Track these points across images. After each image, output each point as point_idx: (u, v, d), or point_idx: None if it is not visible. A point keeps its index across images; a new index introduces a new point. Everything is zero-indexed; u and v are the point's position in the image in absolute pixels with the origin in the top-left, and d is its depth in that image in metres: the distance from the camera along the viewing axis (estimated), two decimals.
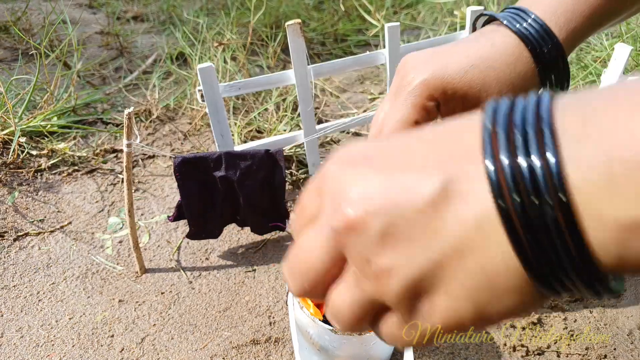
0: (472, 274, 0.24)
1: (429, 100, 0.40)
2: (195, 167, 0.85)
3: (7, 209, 1.08)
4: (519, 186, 0.22)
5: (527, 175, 0.22)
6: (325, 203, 0.28)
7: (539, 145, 0.22)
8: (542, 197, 0.22)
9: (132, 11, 2.28)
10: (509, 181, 0.22)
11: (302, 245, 0.29)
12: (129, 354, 0.78)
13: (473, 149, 0.24)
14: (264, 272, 0.93)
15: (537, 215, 0.22)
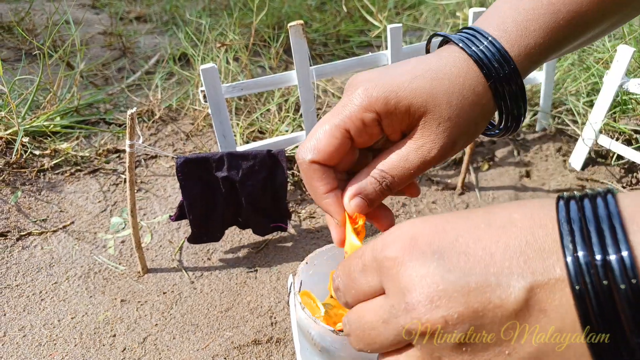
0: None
1: (367, 112, 0.38)
2: (197, 168, 0.85)
3: (10, 208, 1.08)
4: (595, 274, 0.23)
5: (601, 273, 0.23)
6: (393, 293, 0.28)
7: (613, 239, 0.23)
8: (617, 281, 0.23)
9: (135, 11, 2.28)
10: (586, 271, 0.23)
11: (365, 319, 0.30)
12: (131, 353, 0.78)
13: (554, 249, 0.25)
14: (265, 273, 0.93)
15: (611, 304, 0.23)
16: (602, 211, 0.24)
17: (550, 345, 0.25)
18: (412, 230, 0.29)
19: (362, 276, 0.31)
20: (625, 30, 1.43)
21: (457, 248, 0.27)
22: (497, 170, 1.21)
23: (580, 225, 0.24)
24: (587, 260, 0.23)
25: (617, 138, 1.20)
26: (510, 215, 0.27)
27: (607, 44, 1.45)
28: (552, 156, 1.26)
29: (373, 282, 0.30)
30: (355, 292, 0.32)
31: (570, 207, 0.26)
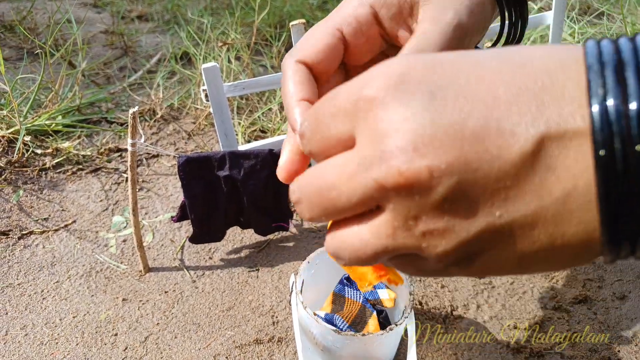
0: (536, 245, 0.21)
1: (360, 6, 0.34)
2: (199, 167, 0.85)
3: (12, 207, 1.08)
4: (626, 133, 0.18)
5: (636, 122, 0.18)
6: (366, 141, 0.22)
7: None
8: None
9: (137, 10, 2.28)
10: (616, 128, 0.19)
11: (325, 177, 0.24)
12: (133, 352, 0.78)
13: (578, 96, 0.20)
14: (267, 272, 0.93)
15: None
16: None
17: (550, 210, 0.20)
18: (401, 66, 0.23)
19: (332, 120, 0.24)
20: (628, 30, 1.43)
21: (454, 88, 0.21)
22: None
23: (614, 67, 0.19)
24: (619, 110, 0.18)
25: None
26: (528, 54, 0.22)
27: None
28: None
29: (343, 129, 0.24)
30: (320, 138, 0.25)
31: (603, 48, 0.20)
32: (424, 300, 0.86)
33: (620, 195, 0.19)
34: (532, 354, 0.77)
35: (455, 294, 0.88)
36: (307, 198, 0.25)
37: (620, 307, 0.84)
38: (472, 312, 0.84)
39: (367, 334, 0.54)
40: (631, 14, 1.69)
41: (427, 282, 0.90)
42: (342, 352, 0.58)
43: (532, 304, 0.85)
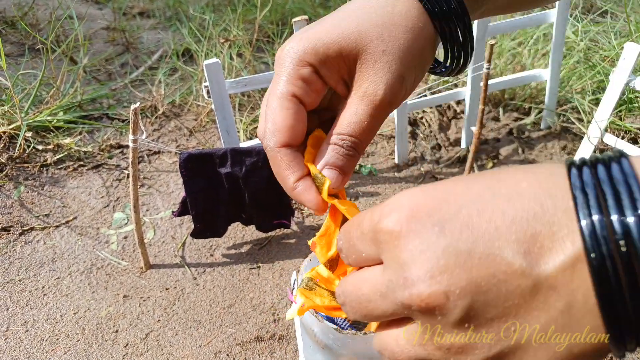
0: (556, 355, 0.24)
1: (301, 67, 0.35)
2: (200, 163, 0.85)
3: (13, 203, 1.08)
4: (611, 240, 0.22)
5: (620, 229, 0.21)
6: (390, 267, 0.26)
7: (630, 201, 0.22)
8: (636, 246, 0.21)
9: (138, 7, 2.28)
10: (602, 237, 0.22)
11: (362, 291, 0.29)
12: (133, 349, 0.78)
13: (565, 222, 0.23)
14: (268, 269, 0.93)
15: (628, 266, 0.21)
16: (617, 174, 0.23)
17: (559, 322, 0.23)
18: (411, 200, 0.27)
19: (360, 244, 0.29)
20: (632, 28, 1.42)
21: (459, 220, 0.25)
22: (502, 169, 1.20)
23: (594, 189, 0.23)
24: (602, 224, 0.22)
25: (623, 137, 1.19)
26: (518, 184, 0.25)
27: (614, 42, 1.44)
28: (557, 154, 1.25)
29: (371, 252, 0.29)
30: (355, 257, 0.30)
31: (584, 172, 0.24)
32: None
33: (617, 301, 0.22)
34: None
35: None
36: (349, 304, 0.30)
37: None
38: None
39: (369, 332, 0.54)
40: (634, 12, 1.68)
41: None
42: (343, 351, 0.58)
43: None
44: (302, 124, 0.37)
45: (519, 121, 1.37)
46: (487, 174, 0.28)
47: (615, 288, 0.22)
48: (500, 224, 0.24)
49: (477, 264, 0.24)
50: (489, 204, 0.25)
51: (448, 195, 0.26)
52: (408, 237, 0.26)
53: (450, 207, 0.26)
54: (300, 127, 0.36)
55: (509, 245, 0.24)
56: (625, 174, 0.23)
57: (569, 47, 1.48)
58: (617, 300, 0.22)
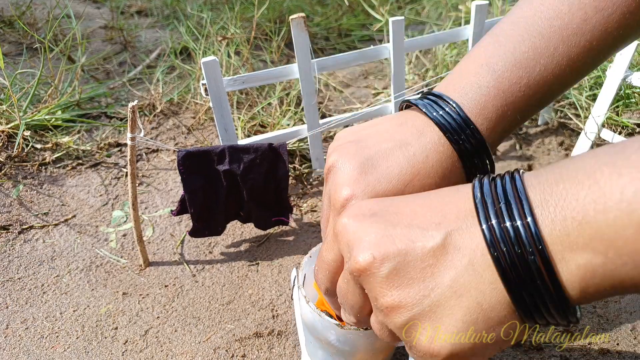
0: (469, 310, 0.29)
1: None
2: (198, 161, 0.85)
3: (12, 202, 1.08)
4: (506, 241, 0.28)
5: (512, 233, 0.28)
6: (343, 251, 0.35)
7: (519, 210, 0.28)
8: (525, 248, 0.27)
9: (136, 5, 2.28)
10: (499, 237, 0.28)
11: (340, 287, 0.37)
12: (133, 346, 0.78)
13: (467, 213, 0.31)
14: (267, 266, 0.93)
15: (522, 262, 0.28)
16: (509, 188, 0.29)
17: (465, 276, 0.29)
18: (362, 203, 0.36)
19: (327, 254, 0.37)
20: None
21: (389, 210, 0.34)
22: (499, 164, 1.21)
23: (492, 200, 0.30)
24: (499, 227, 0.28)
25: (620, 132, 1.19)
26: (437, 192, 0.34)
27: None
28: (555, 150, 1.25)
29: (334, 253, 0.37)
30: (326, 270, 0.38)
31: (484, 185, 0.31)
32: None
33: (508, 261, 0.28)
34: (530, 347, 0.77)
35: None
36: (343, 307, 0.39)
37: (619, 300, 0.84)
38: None
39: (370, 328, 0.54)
40: None
41: None
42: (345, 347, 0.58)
43: None
44: None
45: None
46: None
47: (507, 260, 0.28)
48: (418, 210, 0.33)
49: (399, 234, 0.31)
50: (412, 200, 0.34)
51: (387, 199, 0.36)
52: (353, 224, 0.34)
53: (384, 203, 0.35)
54: None
55: (425, 221, 0.31)
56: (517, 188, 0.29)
57: None
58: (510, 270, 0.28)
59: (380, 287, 0.31)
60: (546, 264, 0.27)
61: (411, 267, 0.30)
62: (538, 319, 0.29)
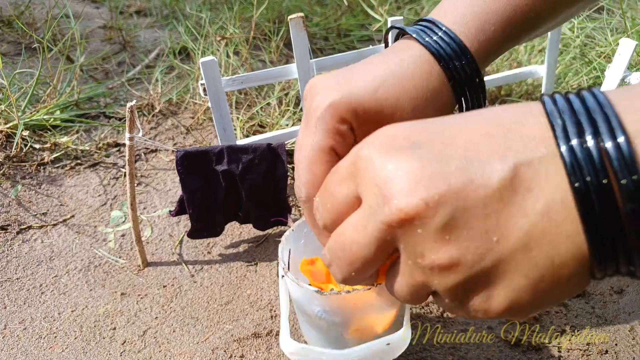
0: (538, 266, 0.24)
1: (340, 124, 0.37)
2: (197, 161, 0.85)
3: (10, 202, 1.08)
4: (594, 167, 0.22)
5: (597, 157, 0.22)
6: (369, 193, 0.26)
7: (608, 127, 0.22)
8: (617, 175, 0.21)
9: (135, 5, 2.27)
10: (584, 163, 0.22)
11: (345, 235, 0.28)
12: (131, 346, 0.78)
13: (540, 139, 0.23)
14: (265, 266, 0.93)
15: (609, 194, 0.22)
16: (592, 102, 0.23)
17: (539, 227, 0.23)
18: (391, 129, 0.27)
19: (339, 187, 0.29)
20: (628, 24, 1.43)
21: (437, 139, 0.25)
22: None
23: (570, 115, 0.23)
24: (581, 147, 0.22)
25: None
26: (494, 110, 0.26)
27: (609, 38, 1.44)
28: None
29: (349, 191, 0.28)
30: (331, 206, 0.29)
31: (557, 100, 0.24)
32: None
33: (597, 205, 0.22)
34: (529, 347, 0.77)
35: None
36: (335, 257, 0.29)
37: (618, 301, 0.84)
38: None
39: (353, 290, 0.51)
40: (631, 8, 1.68)
41: None
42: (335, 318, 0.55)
43: None
44: None
45: None
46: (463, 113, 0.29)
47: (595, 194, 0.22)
48: (477, 141, 0.25)
49: (454, 171, 0.24)
50: (466, 125, 0.26)
51: (427, 122, 0.27)
52: (386, 158, 0.26)
53: (428, 130, 0.26)
54: None
55: (485, 153, 0.24)
56: (600, 102, 0.23)
57: (565, 44, 1.49)
58: (596, 206, 0.22)
59: (431, 241, 0.24)
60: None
61: (471, 214, 0.23)
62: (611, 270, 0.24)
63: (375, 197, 0.25)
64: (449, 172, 0.24)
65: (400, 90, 0.37)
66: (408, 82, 0.38)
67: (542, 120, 0.24)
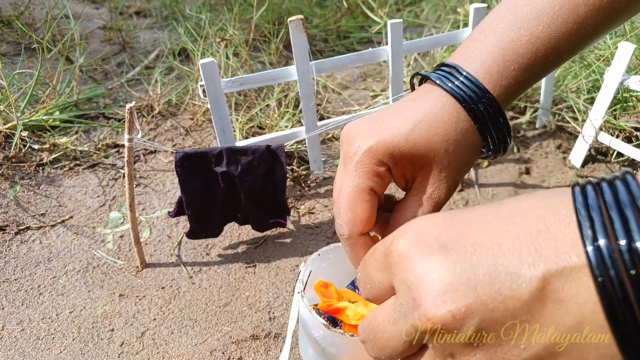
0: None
1: (378, 166, 0.39)
2: (196, 162, 0.85)
3: (9, 202, 1.08)
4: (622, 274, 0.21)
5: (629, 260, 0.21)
6: (400, 290, 0.27)
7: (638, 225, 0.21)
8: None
9: (135, 6, 2.27)
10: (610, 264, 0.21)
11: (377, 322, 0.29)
12: (129, 348, 0.78)
13: (571, 244, 0.23)
14: (264, 268, 0.93)
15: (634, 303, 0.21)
16: (624, 195, 0.22)
17: (567, 338, 0.23)
18: (418, 225, 0.28)
19: (374, 271, 0.30)
20: (626, 27, 1.43)
21: (463, 240, 0.26)
22: (497, 167, 1.21)
23: (600, 212, 0.22)
24: (609, 248, 0.21)
25: (618, 135, 1.20)
26: (520, 204, 0.26)
27: (608, 41, 1.44)
28: (552, 153, 1.26)
29: (384, 279, 0.29)
30: (370, 289, 0.31)
31: (588, 193, 0.24)
32: None
33: (627, 318, 0.21)
34: None
35: None
36: (368, 339, 0.30)
37: None
38: None
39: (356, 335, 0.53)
40: None
41: None
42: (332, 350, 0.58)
43: None
44: (376, 212, 0.41)
45: (514, 120, 1.37)
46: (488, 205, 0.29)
47: (624, 306, 0.21)
48: (503, 242, 0.25)
49: (481, 280, 0.24)
50: (491, 223, 0.26)
51: (452, 218, 0.28)
52: (416, 257, 0.26)
53: (454, 229, 0.27)
54: (375, 216, 0.41)
55: (513, 260, 0.24)
56: (632, 194, 0.22)
57: None
58: (627, 319, 0.21)
59: (460, 346, 0.25)
60: None
61: (499, 323, 0.24)
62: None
63: (406, 297, 0.26)
64: (477, 281, 0.24)
65: (432, 133, 0.40)
66: (438, 124, 0.40)
67: (572, 219, 0.23)
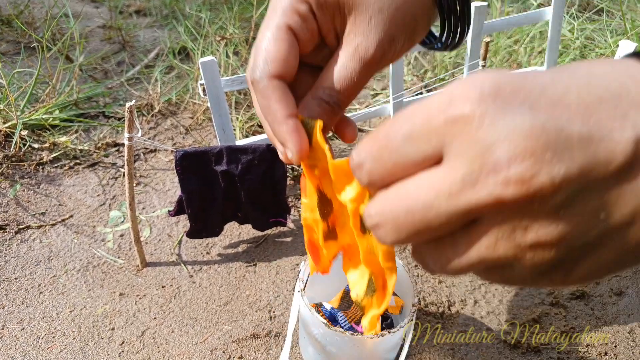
0: (633, 241, 0.22)
1: (299, 3, 0.34)
2: (196, 161, 0.85)
3: (9, 201, 1.08)
4: None
5: None
6: (465, 158, 0.22)
7: None
8: None
9: (135, 5, 2.27)
10: None
11: (415, 199, 0.24)
12: (130, 347, 0.78)
13: None
14: (264, 267, 0.93)
15: None
16: None
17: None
18: (488, 80, 0.22)
19: (409, 144, 0.24)
20: (627, 26, 1.43)
21: (547, 98, 0.21)
22: None
23: None
24: None
25: None
26: (591, 68, 0.23)
27: (609, 40, 1.44)
28: None
29: (427, 150, 0.23)
30: (392, 165, 0.25)
31: None
32: (422, 296, 0.86)
33: None
34: (529, 349, 0.77)
35: (453, 289, 0.88)
36: (393, 220, 0.25)
37: (617, 302, 0.84)
38: (470, 307, 0.84)
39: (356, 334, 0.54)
40: (630, 10, 1.68)
41: (424, 278, 0.90)
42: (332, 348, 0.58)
43: (529, 300, 0.85)
44: (296, 58, 0.35)
45: None
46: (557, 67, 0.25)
47: None
48: (589, 102, 0.21)
49: (577, 142, 0.21)
50: (572, 85, 0.22)
51: (527, 76, 0.23)
52: (494, 116, 0.21)
53: (534, 86, 0.22)
54: (294, 60, 0.35)
55: (605, 123, 0.21)
56: None
57: (564, 45, 1.49)
58: None
59: (543, 217, 0.21)
60: None
61: (589, 191, 0.21)
62: None
63: (479, 163, 0.21)
64: (572, 142, 0.21)
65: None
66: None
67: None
